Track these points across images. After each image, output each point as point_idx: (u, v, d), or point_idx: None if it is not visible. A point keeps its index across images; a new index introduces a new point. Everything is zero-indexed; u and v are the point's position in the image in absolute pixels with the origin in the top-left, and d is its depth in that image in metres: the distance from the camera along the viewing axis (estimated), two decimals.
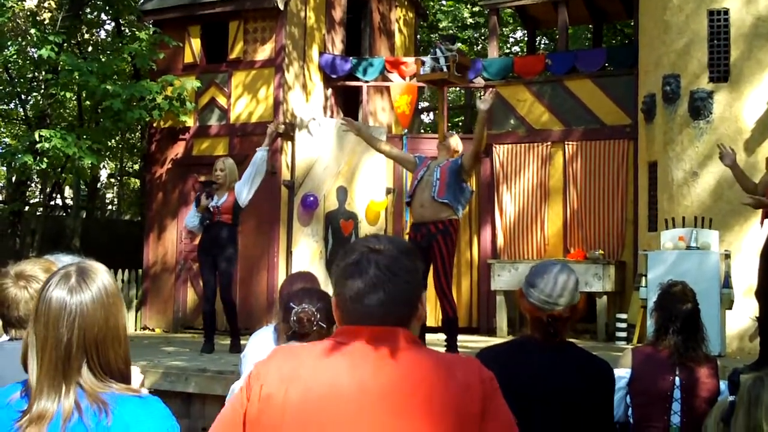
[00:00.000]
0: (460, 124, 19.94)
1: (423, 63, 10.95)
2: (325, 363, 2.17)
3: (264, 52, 13.50)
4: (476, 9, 21.29)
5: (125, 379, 2.34)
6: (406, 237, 9.24)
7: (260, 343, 4.15)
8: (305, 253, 13.10)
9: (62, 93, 14.04)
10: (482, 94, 13.13)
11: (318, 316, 3.63)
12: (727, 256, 10.19)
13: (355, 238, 13.03)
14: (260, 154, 10.01)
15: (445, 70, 10.72)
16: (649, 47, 11.90)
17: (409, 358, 2.17)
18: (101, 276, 2.38)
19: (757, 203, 8.12)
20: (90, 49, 17.97)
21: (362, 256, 2.22)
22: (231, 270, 10.03)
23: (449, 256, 8.77)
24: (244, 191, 9.92)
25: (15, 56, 14.44)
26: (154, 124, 14.10)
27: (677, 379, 4.66)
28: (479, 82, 13.89)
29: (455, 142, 9.20)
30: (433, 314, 12.31)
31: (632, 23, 14.92)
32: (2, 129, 21.57)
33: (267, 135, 10.15)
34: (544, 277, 3.59)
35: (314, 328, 3.64)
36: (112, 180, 28.04)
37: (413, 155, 9.64)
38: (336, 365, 2.16)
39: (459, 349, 8.98)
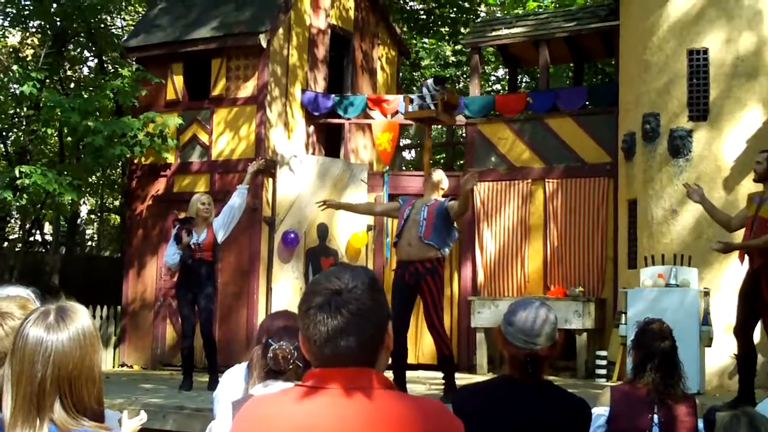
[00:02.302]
0: (442, 161, 19.96)
1: (411, 101, 11.05)
2: (300, 409, 2.16)
3: (246, 90, 13.55)
4: (458, 47, 21.41)
5: (97, 417, 2.34)
6: (392, 274, 9.31)
7: (231, 383, 4.11)
8: (285, 290, 13.08)
9: (44, 129, 14.07)
10: (467, 172, 13.19)
11: (295, 354, 3.62)
12: (707, 294, 10.18)
13: None
14: (240, 191, 10.04)
15: (432, 108, 10.81)
16: (630, 86, 11.98)
17: (383, 402, 2.16)
18: (80, 316, 2.40)
19: (725, 248, 8.27)
20: (72, 85, 17.93)
21: (327, 299, 2.18)
22: (211, 306, 10.01)
23: (439, 294, 8.82)
24: (223, 228, 9.93)
25: None
26: (135, 161, 14.05)
27: (656, 417, 4.64)
28: (461, 120, 13.96)
29: (438, 177, 9.23)
30: (416, 349, 12.29)
31: (613, 62, 15.00)
32: None
33: (248, 173, 10.18)
34: (523, 314, 3.59)
35: (290, 366, 3.62)
36: (93, 216, 27.94)
37: (397, 199, 9.71)
38: (311, 411, 2.15)
39: (438, 387, 8.94)
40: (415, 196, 9.82)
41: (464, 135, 14.84)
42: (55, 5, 15.43)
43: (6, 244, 17.18)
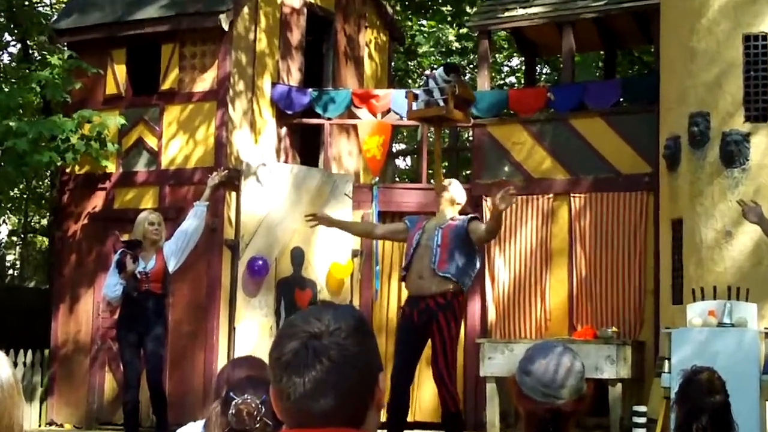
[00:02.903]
0: (444, 171, 19.94)
1: (416, 96, 10.98)
2: None
3: (204, 83, 13.59)
4: (463, 31, 21.37)
5: None
6: (383, 312, 9.32)
7: None
8: (252, 330, 13.07)
9: None
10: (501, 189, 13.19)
11: (262, 410, 3.61)
12: None
13: None
14: (198, 209, 10.05)
15: (442, 104, 10.72)
16: (673, 79, 12.01)
17: None
18: None
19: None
20: None
21: (303, 345, 2.18)
22: (160, 351, 9.98)
23: (452, 339, 8.80)
24: (175, 255, 9.93)
25: None
26: (68, 170, 14.09)
27: None
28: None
29: (455, 190, 9.23)
30: (412, 402, 12.23)
31: (652, 49, 14.99)
32: None
33: (207, 186, 10.19)
34: (542, 361, 3.57)
35: (257, 425, 3.62)
36: (14, 238, 27.87)
37: (403, 221, 9.69)
38: None
39: None
40: (421, 215, 9.83)
41: (471, 139, 14.94)
42: None
43: None
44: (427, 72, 11.79)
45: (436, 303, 8.75)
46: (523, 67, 18.56)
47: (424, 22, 22.55)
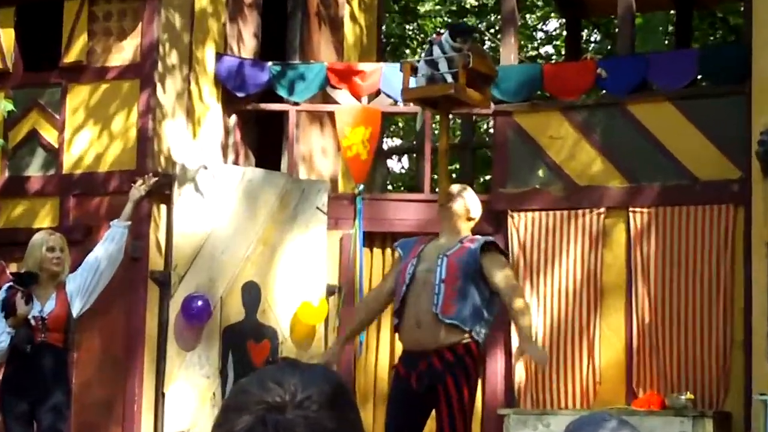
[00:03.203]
0: (455, 175, 19.84)
1: (414, 70, 10.77)
2: None
3: (123, 54, 13.63)
4: None
5: None
6: (367, 374, 9.27)
7: None
8: (188, 396, 13.06)
9: None
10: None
11: None
12: None
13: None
14: (115, 231, 10.04)
15: (450, 80, 10.55)
16: None
17: None
18: None
19: None
20: None
21: (259, 420, 2.16)
22: (59, 425, 9.89)
23: (463, 410, 8.74)
24: (83, 294, 9.86)
25: None
26: None
27: None
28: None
29: (471, 201, 9.20)
30: None
31: (742, 8, 15.04)
32: None
33: (130, 200, 10.13)
34: None
35: None
36: None
37: (395, 249, 9.77)
38: None
39: None
40: (420, 236, 9.81)
41: (491, 131, 14.84)
42: None
43: None
44: (433, 37, 11.64)
45: (441, 361, 8.67)
46: (564, 33, 18.67)
47: None
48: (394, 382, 9.06)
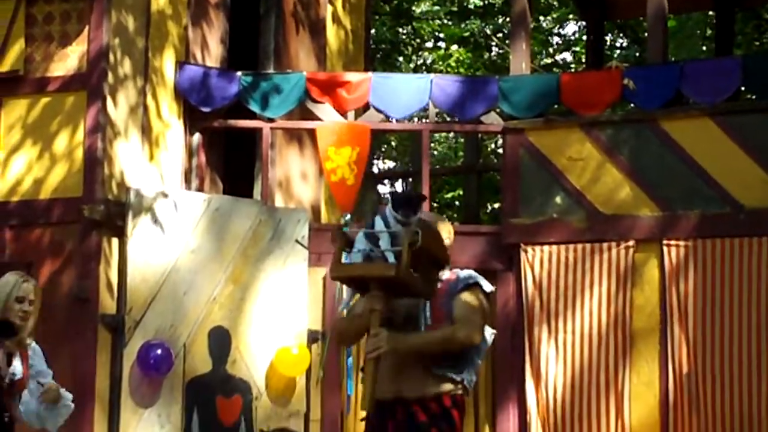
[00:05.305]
0: (458, 203, 19.78)
1: (348, 242, 9.21)
2: None
3: (66, 62, 13.45)
4: None
5: None
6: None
7: None
8: None
9: None
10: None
11: None
12: None
13: (245, 429, 13.36)
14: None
15: (391, 260, 9.13)
16: None
17: None
18: None
19: None
20: None
21: None
22: None
23: None
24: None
25: None
26: None
27: None
28: (494, 122, 14.10)
29: (444, 232, 8.13)
30: None
31: None
32: None
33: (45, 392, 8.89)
34: None
35: None
36: None
37: None
38: None
39: None
40: None
41: (499, 151, 14.72)
42: None
43: None
44: (378, 206, 10.63)
45: (425, 410, 7.70)
46: (585, 38, 18.79)
47: None
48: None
